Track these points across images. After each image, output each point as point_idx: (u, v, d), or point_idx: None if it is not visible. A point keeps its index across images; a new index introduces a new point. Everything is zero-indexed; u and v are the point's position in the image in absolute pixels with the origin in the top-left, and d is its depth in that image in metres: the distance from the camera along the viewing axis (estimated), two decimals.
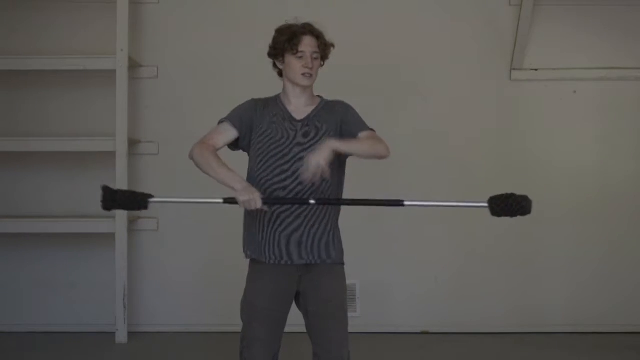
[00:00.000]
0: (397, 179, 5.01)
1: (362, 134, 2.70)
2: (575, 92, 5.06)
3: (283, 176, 2.65)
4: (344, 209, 2.79)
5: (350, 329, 2.72)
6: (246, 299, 2.71)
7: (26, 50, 5.00)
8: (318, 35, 2.73)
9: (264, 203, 2.54)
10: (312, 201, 2.60)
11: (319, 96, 2.82)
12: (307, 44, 2.70)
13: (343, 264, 2.76)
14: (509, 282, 5.01)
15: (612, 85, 5.05)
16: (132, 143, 4.93)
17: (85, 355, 4.48)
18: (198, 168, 2.69)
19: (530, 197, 2.53)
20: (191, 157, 2.70)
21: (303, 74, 2.69)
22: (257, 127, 2.72)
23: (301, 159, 2.60)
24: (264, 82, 3.04)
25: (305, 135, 2.69)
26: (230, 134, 2.74)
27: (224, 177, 2.59)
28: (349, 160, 2.79)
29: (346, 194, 2.84)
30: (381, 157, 2.65)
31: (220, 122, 2.77)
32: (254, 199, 2.50)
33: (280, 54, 2.73)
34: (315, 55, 2.71)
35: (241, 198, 2.51)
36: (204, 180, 4.94)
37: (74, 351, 4.55)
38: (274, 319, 2.67)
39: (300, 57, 2.69)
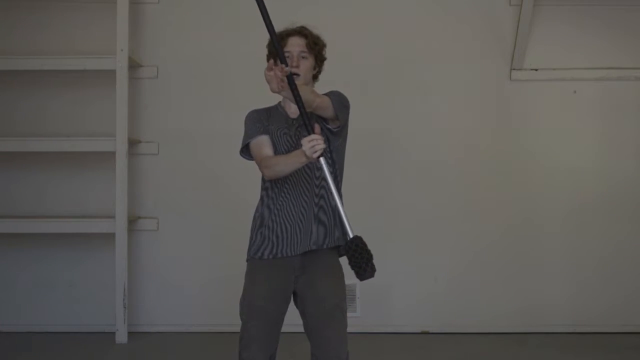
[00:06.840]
0: (398, 176, 5.02)
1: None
2: (575, 92, 5.05)
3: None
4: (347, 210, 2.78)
5: (350, 329, 2.71)
6: (244, 298, 2.71)
7: (26, 50, 5.00)
8: (306, 35, 2.73)
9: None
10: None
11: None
12: (294, 44, 2.71)
13: (337, 247, 2.74)
14: (509, 282, 5.00)
15: (612, 85, 5.04)
16: (132, 143, 4.93)
17: (85, 355, 4.48)
18: (282, 174, 2.63)
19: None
20: (270, 176, 2.66)
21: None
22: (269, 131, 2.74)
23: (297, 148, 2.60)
24: (263, 82, 3.01)
25: (298, 130, 2.71)
26: (267, 139, 2.72)
27: (290, 159, 2.56)
28: (352, 152, 2.73)
29: (347, 181, 2.84)
30: (318, 109, 2.58)
31: (246, 144, 2.75)
32: (315, 141, 2.44)
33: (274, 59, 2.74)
34: (303, 55, 2.70)
35: (306, 148, 2.44)
36: (204, 180, 5.02)
37: (74, 351, 4.55)
38: (270, 318, 2.66)
39: (288, 57, 2.67)
